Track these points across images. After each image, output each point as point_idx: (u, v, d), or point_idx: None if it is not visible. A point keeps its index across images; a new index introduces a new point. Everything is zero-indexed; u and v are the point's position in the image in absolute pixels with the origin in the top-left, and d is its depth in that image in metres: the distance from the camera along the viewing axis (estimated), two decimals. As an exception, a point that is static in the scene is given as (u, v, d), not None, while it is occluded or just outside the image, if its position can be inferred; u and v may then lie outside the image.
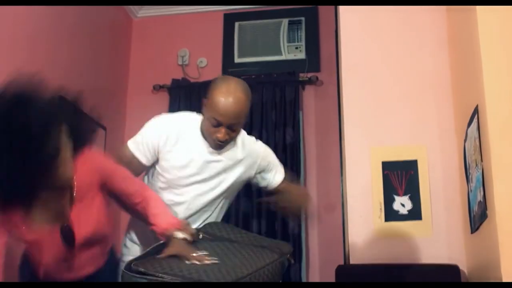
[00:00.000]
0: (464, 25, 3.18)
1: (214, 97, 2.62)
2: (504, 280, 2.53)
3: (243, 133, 2.84)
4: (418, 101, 3.63)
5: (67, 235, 2.31)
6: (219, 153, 2.74)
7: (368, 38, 3.74)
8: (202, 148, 2.74)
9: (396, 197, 3.48)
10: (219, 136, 2.61)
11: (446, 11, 3.65)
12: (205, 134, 2.71)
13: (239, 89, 2.63)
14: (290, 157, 4.69)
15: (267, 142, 4.70)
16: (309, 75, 4.91)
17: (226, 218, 4.57)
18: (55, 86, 2.30)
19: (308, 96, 4.94)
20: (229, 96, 2.59)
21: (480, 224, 2.93)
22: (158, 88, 5.13)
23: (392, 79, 3.70)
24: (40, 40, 3.97)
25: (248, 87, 2.69)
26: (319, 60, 4.99)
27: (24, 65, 3.79)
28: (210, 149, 2.72)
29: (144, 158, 2.86)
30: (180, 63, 5.21)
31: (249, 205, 4.67)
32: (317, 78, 4.90)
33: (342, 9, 3.80)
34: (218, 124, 2.61)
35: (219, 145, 2.68)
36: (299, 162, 4.70)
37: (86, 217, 2.35)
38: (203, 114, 2.72)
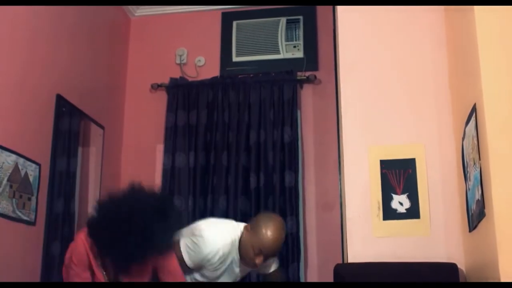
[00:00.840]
0: (462, 24, 3.19)
1: (262, 231, 3.17)
2: (502, 278, 2.53)
3: None
4: (416, 100, 3.63)
5: None
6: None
7: (366, 36, 3.74)
8: (236, 264, 3.32)
9: (394, 196, 3.48)
10: (258, 262, 3.19)
11: (444, 11, 3.65)
12: (244, 255, 3.23)
13: (283, 229, 3.26)
14: (288, 156, 4.69)
15: (265, 141, 4.74)
16: (307, 73, 4.90)
17: (225, 217, 4.59)
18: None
19: (306, 95, 4.93)
20: (275, 234, 3.18)
21: (478, 222, 2.93)
22: (156, 87, 5.13)
23: (390, 78, 3.70)
24: (39, 40, 3.97)
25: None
26: (317, 58, 4.99)
27: (24, 65, 3.80)
28: (241, 264, 3.32)
29: (191, 263, 3.25)
30: (178, 62, 5.21)
31: (247, 204, 4.67)
32: (315, 76, 4.89)
33: (340, 8, 3.80)
34: (260, 253, 3.16)
35: (254, 266, 3.27)
36: (297, 161, 4.70)
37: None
38: (244, 237, 3.23)
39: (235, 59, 5.13)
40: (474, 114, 2.93)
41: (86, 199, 4.53)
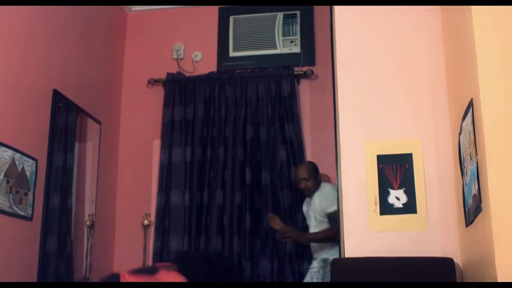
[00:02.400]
0: (459, 20, 3.19)
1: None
2: (498, 272, 2.54)
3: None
4: (413, 95, 3.63)
5: None
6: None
7: (363, 32, 3.74)
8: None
9: (391, 191, 3.48)
10: (300, 186, 4.48)
11: (440, 7, 3.65)
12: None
13: (306, 163, 4.60)
14: (286, 151, 4.69)
15: (261, 137, 4.74)
16: (304, 69, 4.90)
17: (221, 212, 4.61)
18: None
19: (303, 90, 4.94)
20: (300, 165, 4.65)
21: (475, 217, 2.93)
22: (153, 82, 5.13)
23: (387, 73, 3.70)
24: (35, 35, 3.96)
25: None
26: (314, 54, 4.99)
27: (20, 60, 3.79)
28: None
29: None
30: (175, 57, 5.20)
31: (243, 200, 4.67)
32: (312, 72, 4.89)
33: (338, 6, 3.80)
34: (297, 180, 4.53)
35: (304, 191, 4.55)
36: (295, 155, 4.71)
37: None
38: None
39: (232, 54, 5.13)
40: (470, 109, 2.93)
41: (83, 194, 4.53)
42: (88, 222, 4.53)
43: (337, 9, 3.79)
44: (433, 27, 3.65)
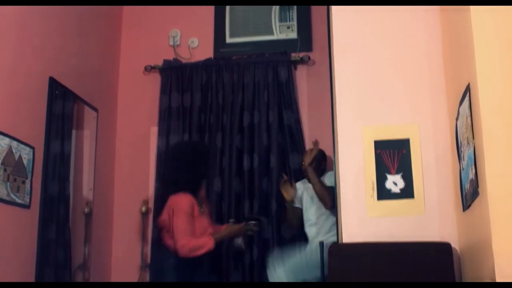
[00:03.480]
0: (457, 6, 3.18)
1: None
2: (495, 257, 2.55)
3: None
4: (410, 80, 3.63)
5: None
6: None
7: (360, 17, 3.73)
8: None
9: (388, 176, 3.49)
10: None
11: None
12: None
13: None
14: (283, 137, 4.69)
15: (259, 123, 4.73)
16: (301, 54, 4.89)
17: (219, 199, 4.61)
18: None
19: (300, 76, 4.93)
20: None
21: (472, 202, 2.94)
22: (149, 69, 5.12)
23: (384, 58, 3.69)
24: (31, 22, 3.94)
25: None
26: (311, 39, 4.98)
27: (16, 48, 3.78)
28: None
29: None
30: (171, 43, 5.19)
31: (241, 186, 4.67)
32: (309, 57, 4.88)
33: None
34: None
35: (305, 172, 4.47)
36: (293, 141, 4.71)
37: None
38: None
39: (228, 40, 5.12)
40: (468, 94, 2.93)
41: (80, 181, 4.53)
42: (86, 210, 4.53)
43: (334, -7, 3.78)
44: (430, 12, 3.64)
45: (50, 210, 4.04)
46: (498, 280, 2.53)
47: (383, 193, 3.49)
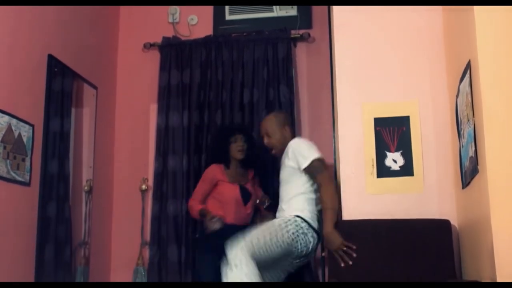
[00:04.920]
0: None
1: None
2: (494, 233, 2.56)
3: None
4: (410, 57, 3.62)
5: (245, 192, 4.18)
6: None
7: (360, -7, 3.71)
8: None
9: (388, 153, 3.50)
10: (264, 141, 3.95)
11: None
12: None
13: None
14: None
15: (258, 100, 4.73)
16: (301, 32, 4.86)
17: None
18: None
19: (300, 53, 4.90)
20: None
21: (471, 179, 2.95)
22: (148, 46, 5.09)
23: (384, 35, 3.68)
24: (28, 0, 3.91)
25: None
26: (311, 16, 4.94)
27: (13, 25, 3.75)
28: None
29: None
30: (170, 20, 5.15)
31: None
32: (309, 34, 4.86)
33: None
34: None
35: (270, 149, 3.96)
36: (294, 120, 4.70)
37: (253, 196, 4.24)
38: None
39: (228, 17, 5.08)
40: (468, 71, 2.92)
41: (80, 159, 4.53)
42: (86, 187, 4.54)
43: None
44: (431, -12, 3.61)
45: (50, 187, 4.05)
46: (496, 256, 2.55)
47: (383, 171, 3.51)
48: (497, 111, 2.66)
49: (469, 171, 2.99)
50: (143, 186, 4.84)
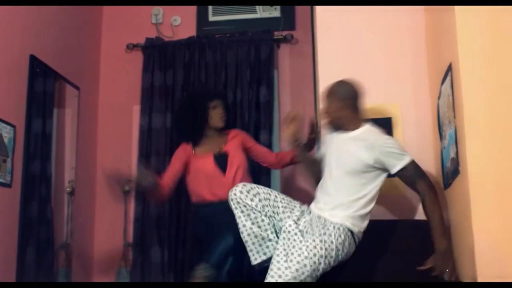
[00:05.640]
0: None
1: None
2: (475, 233, 2.59)
3: None
4: (392, 60, 3.64)
5: (220, 160, 3.79)
6: None
7: (343, -4, 3.72)
8: None
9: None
10: None
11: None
12: None
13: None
14: (264, 116, 4.69)
15: (241, 101, 4.73)
16: (284, 33, 4.88)
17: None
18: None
19: (283, 55, 4.92)
20: None
21: (453, 180, 2.97)
22: (131, 47, 5.07)
23: (367, 38, 3.70)
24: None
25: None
26: (294, 18, 4.96)
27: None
28: None
29: None
30: (154, 21, 5.14)
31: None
32: (292, 36, 4.87)
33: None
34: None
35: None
36: (272, 121, 4.71)
37: (235, 159, 3.82)
38: None
39: (211, 18, 5.08)
40: (449, 73, 2.94)
41: (62, 160, 4.51)
42: (68, 189, 4.51)
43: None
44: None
45: (31, 189, 4.02)
46: (477, 256, 2.57)
47: (365, 172, 3.50)
48: (478, 113, 2.69)
49: (451, 172, 3.01)
50: (126, 187, 4.82)
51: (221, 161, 3.80)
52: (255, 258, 3.09)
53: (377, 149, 3.02)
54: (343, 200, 3.03)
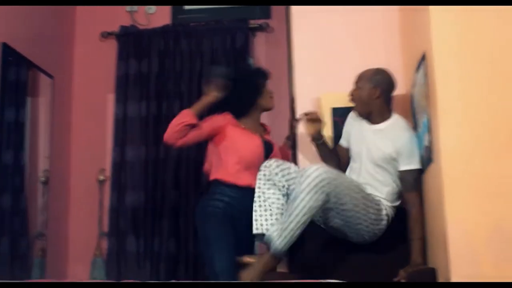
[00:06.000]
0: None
1: None
2: (448, 219, 2.62)
3: None
4: (368, 49, 3.66)
5: (268, 147, 3.47)
6: None
7: (318, -16, 3.73)
8: None
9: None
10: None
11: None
12: None
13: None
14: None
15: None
16: (260, 22, 4.87)
17: (177, 166, 4.59)
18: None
19: (259, 43, 4.91)
20: None
21: (427, 168, 3.01)
22: (106, 35, 5.03)
23: (342, 27, 3.71)
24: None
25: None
26: (269, 6, 4.95)
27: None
28: None
29: None
30: (128, 9, 5.10)
31: (200, 154, 4.66)
32: (267, 24, 4.87)
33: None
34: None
35: None
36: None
37: (277, 154, 3.51)
38: None
39: (186, 6, 5.05)
40: (423, 63, 2.97)
41: (36, 149, 4.47)
42: (42, 178, 4.48)
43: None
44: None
45: (5, 178, 3.99)
46: (450, 244, 2.60)
47: (340, 161, 3.53)
48: (451, 101, 2.72)
49: (424, 161, 3.04)
50: (101, 177, 4.80)
51: (267, 148, 3.48)
52: (257, 228, 3.11)
53: (399, 143, 3.11)
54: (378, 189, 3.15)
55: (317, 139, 3.39)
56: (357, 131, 3.31)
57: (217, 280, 3.05)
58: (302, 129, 3.54)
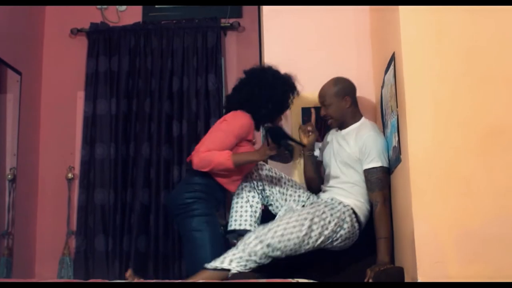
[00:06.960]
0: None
1: None
2: (415, 217, 2.65)
3: None
4: (338, 49, 3.69)
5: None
6: None
7: (289, -16, 3.74)
8: None
9: (315, 143, 3.54)
10: None
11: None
12: None
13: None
14: (212, 104, 4.68)
15: (188, 89, 4.71)
16: (231, 21, 4.86)
17: (147, 165, 4.58)
18: None
19: (230, 42, 4.91)
20: None
21: (395, 168, 3.04)
22: (76, 32, 4.98)
23: (313, 27, 3.73)
24: None
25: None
26: (241, 6, 4.95)
27: None
28: None
29: None
30: (99, 6, 5.05)
31: (170, 152, 4.65)
32: (239, 24, 4.86)
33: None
34: None
35: None
36: (221, 108, 4.70)
37: None
38: None
39: (158, 4, 5.02)
40: (393, 63, 3.00)
41: (3, 147, 4.41)
42: (9, 176, 4.42)
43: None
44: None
45: (-29, 176, 3.93)
46: (416, 243, 2.63)
47: (310, 160, 3.54)
48: (419, 101, 2.74)
49: (393, 160, 3.07)
50: (69, 175, 4.76)
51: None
52: (231, 225, 3.26)
53: (361, 142, 3.19)
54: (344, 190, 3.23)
55: (310, 150, 3.47)
56: (328, 141, 3.45)
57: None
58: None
